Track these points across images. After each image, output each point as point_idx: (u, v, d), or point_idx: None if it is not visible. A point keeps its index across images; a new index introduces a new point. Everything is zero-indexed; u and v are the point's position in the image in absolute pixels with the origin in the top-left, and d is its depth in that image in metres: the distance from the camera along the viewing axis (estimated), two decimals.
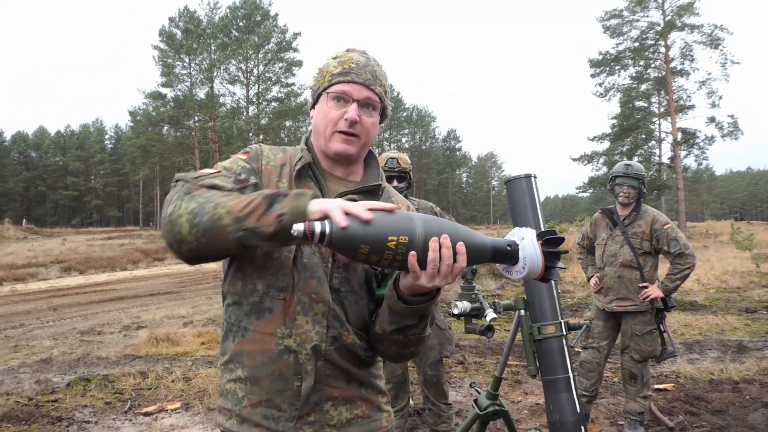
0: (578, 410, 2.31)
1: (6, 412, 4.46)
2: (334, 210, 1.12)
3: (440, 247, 1.15)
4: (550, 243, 1.27)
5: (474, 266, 2.54)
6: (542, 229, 2.23)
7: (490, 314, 2.34)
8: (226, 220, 1.18)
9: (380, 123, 1.56)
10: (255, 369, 1.40)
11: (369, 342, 1.47)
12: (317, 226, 1.10)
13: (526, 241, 1.24)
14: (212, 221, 1.19)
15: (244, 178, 1.42)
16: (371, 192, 1.52)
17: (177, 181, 1.36)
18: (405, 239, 1.12)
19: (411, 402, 4.26)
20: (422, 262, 1.15)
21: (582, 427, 2.28)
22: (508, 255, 1.24)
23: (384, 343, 1.43)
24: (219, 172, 1.40)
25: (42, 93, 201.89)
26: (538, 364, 2.42)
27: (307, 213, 1.15)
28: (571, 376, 2.34)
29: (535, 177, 2.48)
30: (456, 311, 2.35)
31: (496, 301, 2.45)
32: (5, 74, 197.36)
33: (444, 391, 3.93)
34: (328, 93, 1.45)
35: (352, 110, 1.43)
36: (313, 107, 1.55)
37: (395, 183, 3.89)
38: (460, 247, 1.17)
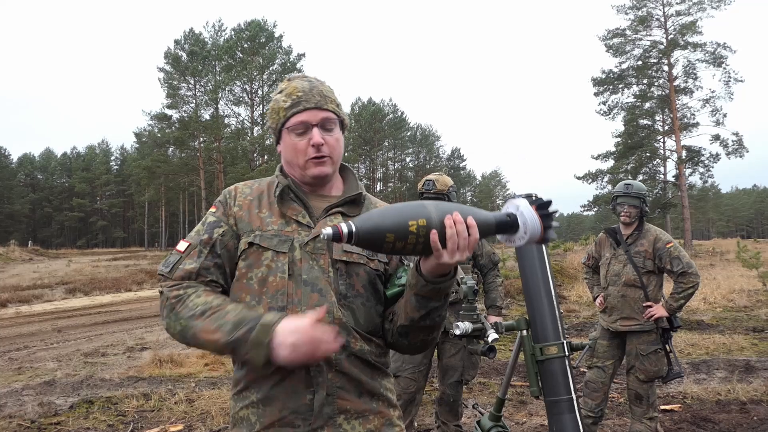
0: None
1: None
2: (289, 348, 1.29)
3: (455, 224, 1.25)
4: (542, 207, 1.36)
5: (475, 287, 2.54)
6: (543, 249, 2.25)
7: (492, 335, 2.33)
8: (208, 348, 1.41)
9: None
10: (269, 389, 1.44)
11: (380, 346, 1.53)
12: (344, 227, 1.21)
13: (523, 208, 1.34)
14: (198, 345, 1.43)
15: (206, 238, 1.53)
16: (354, 202, 1.60)
17: (162, 278, 1.53)
18: (423, 221, 1.25)
19: (414, 423, 4.24)
20: (442, 240, 1.26)
21: None
22: (510, 224, 1.35)
23: (410, 334, 1.49)
24: (188, 246, 1.53)
25: (48, 115, 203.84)
26: (540, 385, 2.40)
27: (270, 358, 1.31)
28: (574, 398, 2.32)
29: (535, 196, 2.48)
30: (457, 332, 2.34)
31: (498, 321, 2.44)
32: (12, 96, 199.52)
33: (457, 412, 4.00)
34: (289, 127, 1.54)
35: (316, 135, 1.52)
36: (278, 143, 1.63)
37: None
38: (471, 220, 1.28)
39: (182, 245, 1.55)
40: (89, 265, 30.93)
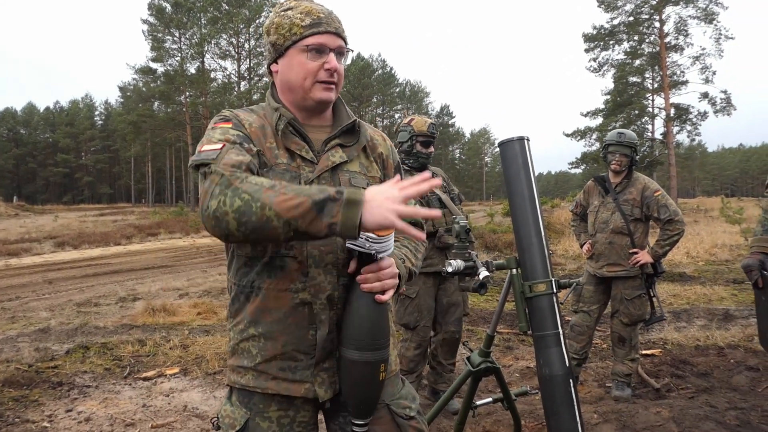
0: (567, 364, 2.39)
1: (7, 377, 4.53)
2: (397, 222, 1.21)
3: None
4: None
5: (467, 226, 2.62)
6: (534, 192, 2.29)
7: (483, 272, 2.42)
8: (276, 223, 1.20)
9: None
10: (271, 324, 1.45)
11: None
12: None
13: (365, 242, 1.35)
14: (261, 222, 1.20)
15: (248, 147, 1.43)
16: (350, 131, 1.59)
17: (204, 165, 1.35)
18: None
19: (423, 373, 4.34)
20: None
21: (570, 380, 2.36)
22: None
23: None
24: (224, 146, 1.38)
25: (30, 68, 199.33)
26: (529, 321, 2.50)
27: (361, 226, 1.19)
28: (561, 332, 2.42)
29: (528, 140, 2.53)
30: (450, 269, 2.43)
31: (489, 260, 2.52)
32: None
33: (456, 350, 4.03)
34: (308, 46, 1.48)
35: (333, 60, 1.49)
36: (275, 62, 1.55)
37: (431, 149, 4.07)
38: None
39: (215, 145, 1.39)
40: (76, 221, 30.84)
